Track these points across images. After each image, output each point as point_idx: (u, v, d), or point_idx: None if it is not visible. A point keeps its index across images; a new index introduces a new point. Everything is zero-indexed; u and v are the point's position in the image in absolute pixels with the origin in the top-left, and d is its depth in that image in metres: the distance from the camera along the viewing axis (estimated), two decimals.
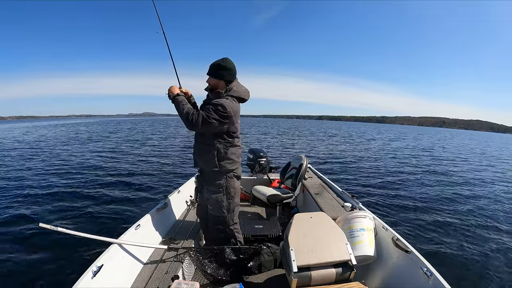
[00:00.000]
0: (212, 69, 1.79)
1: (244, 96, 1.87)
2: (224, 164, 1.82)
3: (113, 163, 8.90)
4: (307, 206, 3.04)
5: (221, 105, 1.68)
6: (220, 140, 1.79)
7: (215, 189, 1.86)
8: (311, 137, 24.26)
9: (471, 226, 4.35)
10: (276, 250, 1.85)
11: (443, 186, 7.16)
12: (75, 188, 5.76)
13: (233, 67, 1.80)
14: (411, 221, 4.41)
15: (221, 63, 1.76)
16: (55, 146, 14.02)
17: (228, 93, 1.79)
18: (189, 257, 1.79)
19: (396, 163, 10.82)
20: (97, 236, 1.58)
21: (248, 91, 1.91)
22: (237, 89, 1.82)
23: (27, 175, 7.06)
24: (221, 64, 1.76)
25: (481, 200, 5.94)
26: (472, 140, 36.32)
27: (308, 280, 1.43)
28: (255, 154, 3.75)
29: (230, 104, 1.72)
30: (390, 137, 29.10)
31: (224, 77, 1.78)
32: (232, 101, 1.76)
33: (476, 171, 10.09)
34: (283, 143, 17.38)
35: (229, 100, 1.75)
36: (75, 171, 7.55)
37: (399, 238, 1.71)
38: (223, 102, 1.70)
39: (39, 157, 10.08)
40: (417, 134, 46.01)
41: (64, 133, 24.21)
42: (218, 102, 1.71)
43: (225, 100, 1.73)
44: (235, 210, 1.94)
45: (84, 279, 1.26)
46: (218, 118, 1.68)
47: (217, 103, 1.70)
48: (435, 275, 1.32)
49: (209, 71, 1.81)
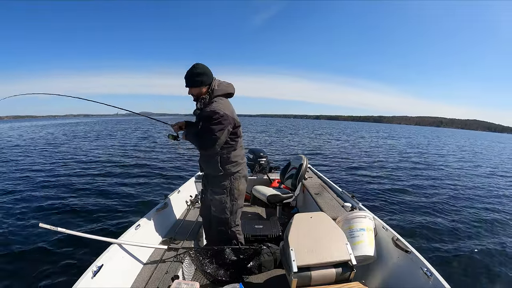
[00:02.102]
0: (189, 80, 1.77)
1: (228, 90, 1.85)
2: (228, 168, 1.82)
3: (113, 163, 8.89)
4: (307, 206, 3.04)
5: (214, 112, 1.67)
6: (224, 145, 1.78)
7: (219, 190, 1.86)
8: (311, 137, 24.27)
9: (472, 226, 4.35)
10: (276, 250, 1.86)
11: (443, 186, 7.16)
12: (75, 188, 5.76)
13: (207, 70, 1.78)
14: (411, 221, 4.41)
15: (195, 70, 1.75)
16: (54, 146, 14.01)
17: (213, 95, 1.78)
18: (189, 257, 1.79)
19: (396, 163, 10.81)
20: (97, 236, 1.58)
21: (230, 84, 1.89)
22: (219, 87, 1.80)
23: (26, 175, 7.05)
24: (194, 71, 1.74)
25: (482, 200, 5.94)
26: (471, 141, 36.45)
27: (308, 280, 1.43)
28: (255, 154, 3.76)
29: (219, 106, 1.70)
30: (390, 137, 29.12)
31: (204, 82, 1.76)
32: (219, 101, 1.75)
33: (476, 170, 10.10)
34: (283, 143, 17.38)
35: (217, 102, 1.74)
36: (75, 171, 7.54)
37: (399, 238, 1.71)
38: (214, 108, 1.69)
39: (39, 157, 10.07)
40: (417, 134, 46.08)
41: (63, 133, 24.19)
42: (209, 110, 1.69)
43: (214, 104, 1.72)
44: (237, 212, 1.94)
45: (84, 279, 1.26)
46: (220, 128, 1.67)
47: (211, 112, 1.68)
48: (435, 275, 1.32)
49: (187, 83, 1.79)
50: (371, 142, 21.30)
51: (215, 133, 1.66)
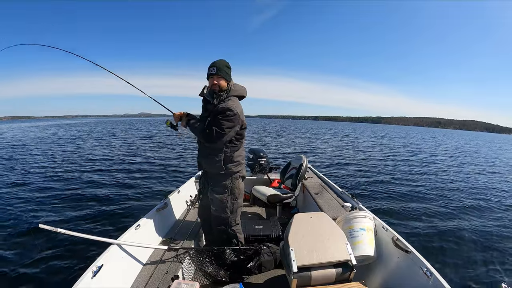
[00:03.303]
0: (221, 70, 1.74)
1: (243, 93, 1.89)
2: (230, 167, 1.82)
3: (112, 163, 8.89)
4: (307, 206, 3.04)
5: (228, 109, 1.68)
6: (228, 144, 1.79)
7: (220, 189, 1.86)
8: (310, 136, 24.26)
9: (472, 226, 4.35)
10: (276, 250, 1.86)
11: (443, 186, 7.16)
12: (75, 189, 5.76)
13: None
14: (411, 221, 4.41)
15: (226, 63, 1.78)
16: (54, 146, 14.01)
17: (230, 94, 1.79)
18: (189, 257, 1.79)
19: (396, 163, 10.83)
20: (97, 236, 1.58)
21: (244, 87, 1.92)
22: (236, 88, 1.83)
23: (26, 175, 7.05)
24: (226, 63, 1.78)
25: (482, 200, 5.94)
26: (477, 142, 36.48)
27: (308, 280, 1.43)
28: (255, 154, 3.75)
29: (234, 105, 1.73)
30: (387, 138, 29.12)
31: (229, 76, 1.81)
32: (235, 101, 1.77)
33: (476, 171, 10.10)
34: (282, 143, 17.38)
35: (232, 101, 1.76)
36: (74, 172, 7.54)
37: (399, 238, 1.71)
38: (229, 105, 1.70)
39: (38, 158, 10.07)
40: (416, 133, 46.10)
41: (62, 133, 24.19)
42: (226, 106, 1.69)
43: (230, 102, 1.74)
44: (238, 211, 1.94)
45: (84, 279, 1.26)
46: (230, 126, 1.69)
47: (225, 108, 1.68)
48: (435, 275, 1.32)
49: (219, 71, 1.73)
50: (371, 142, 21.30)
51: (224, 128, 1.68)
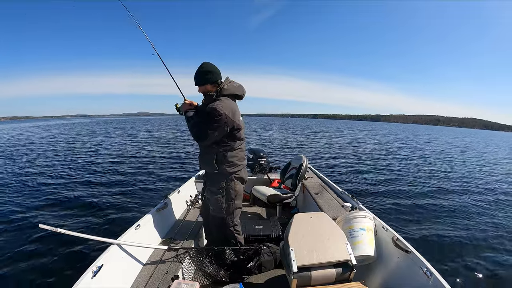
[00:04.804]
0: (195, 78, 1.84)
1: (237, 92, 1.88)
2: (223, 167, 1.82)
3: (112, 163, 8.89)
4: (307, 206, 3.04)
5: (214, 109, 1.69)
6: (220, 143, 1.80)
7: (215, 190, 1.87)
8: (310, 136, 24.27)
9: (472, 226, 4.35)
10: (276, 250, 1.86)
11: (444, 186, 7.16)
12: (75, 189, 5.77)
13: (213, 69, 1.81)
14: (411, 221, 4.41)
15: (200, 69, 1.81)
16: (53, 146, 14.01)
17: (220, 94, 1.80)
18: (189, 257, 1.79)
19: (396, 163, 10.82)
20: (97, 236, 1.58)
21: (240, 86, 1.92)
22: (228, 87, 1.82)
23: (26, 176, 7.06)
24: (200, 70, 1.81)
25: (483, 200, 5.94)
26: (477, 139, 36.47)
27: (308, 280, 1.43)
28: (255, 154, 3.75)
29: (222, 105, 1.72)
30: (387, 135, 29.13)
31: (209, 80, 1.80)
32: (224, 101, 1.77)
33: (476, 171, 10.10)
34: (282, 143, 17.38)
35: (221, 101, 1.75)
36: (74, 172, 7.55)
37: (399, 238, 1.71)
38: (215, 105, 1.70)
39: (38, 158, 10.08)
40: (415, 133, 46.09)
41: (61, 133, 24.18)
42: (212, 107, 1.71)
43: (217, 102, 1.74)
44: (235, 212, 1.94)
45: (84, 279, 1.26)
46: (214, 127, 1.70)
47: (212, 108, 1.70)
48: (435, 275, 1.32)
49: (195, 81, 1.85)
50: (371, 142, 21.30)
51: (208, 129, 1.72)
